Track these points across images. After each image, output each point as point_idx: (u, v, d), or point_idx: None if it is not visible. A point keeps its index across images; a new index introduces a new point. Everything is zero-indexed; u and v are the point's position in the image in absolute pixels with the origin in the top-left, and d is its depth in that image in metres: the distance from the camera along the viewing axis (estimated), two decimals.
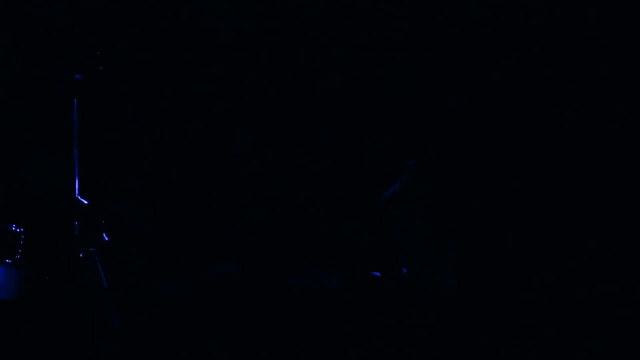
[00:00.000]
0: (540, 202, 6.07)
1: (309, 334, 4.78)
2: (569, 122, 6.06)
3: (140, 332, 4.13)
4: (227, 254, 5.82)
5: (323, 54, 6.53)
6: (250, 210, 6.42)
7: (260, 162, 6.52)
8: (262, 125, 6.58)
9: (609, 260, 5.57)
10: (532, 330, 4.91)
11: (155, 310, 4.33)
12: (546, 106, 6.11)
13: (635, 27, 5.80)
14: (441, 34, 6.23)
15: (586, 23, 5.88)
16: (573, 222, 5.89)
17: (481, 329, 4.87)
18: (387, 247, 5.37)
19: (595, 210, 5.84)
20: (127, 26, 6.54)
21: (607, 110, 5.95)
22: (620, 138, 5.93)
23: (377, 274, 4.96)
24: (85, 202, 4.23)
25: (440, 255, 5.28)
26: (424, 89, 6.18)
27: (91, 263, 4.06)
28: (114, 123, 6.44)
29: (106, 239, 4.15)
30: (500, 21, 6.06)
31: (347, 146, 6.40)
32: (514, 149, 6.12)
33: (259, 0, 6.50)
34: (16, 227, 4.30)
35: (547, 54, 6.04)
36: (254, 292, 5.22)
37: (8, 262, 4.22)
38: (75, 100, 4.11)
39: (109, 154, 6.26)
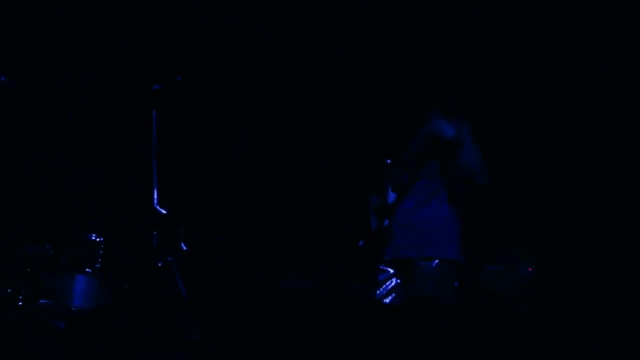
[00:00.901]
0: (539, 201, 6.08)
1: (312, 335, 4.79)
2: (568, 122, 6.06)
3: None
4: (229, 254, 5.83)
5: (323, 54, 6.53)
6: (250, 211, 6.41)
7: (260, 162, 6.52)
8: (262, 125, 6.59)
9: (609, 260, 5.57)
10: (532, 330, 4.91)
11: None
12: (546, 106, 6.11)
13: (636, 27, 5.80)
14: (441, 34, 6.23)
15: (586, 23, 5.87)
16: (572, 222, 5.90)
17: (481, 329, 4.87)
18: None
19: (595, 210, 5.85)
20: (127, 26, 6.53)
21: (607, 110, 5.95)
22: (620, 138, 5.93)
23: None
24: (164, 211, 4.21)
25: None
26: (424, 89, 6.18)
27: (170, 272, 4.07)
28: (112, 123, 6.43)
29: (184, 248, 4.14)
30: (500, 21, 6.05)
31: (347, 146, 6.40)
32: (513, 148, 6.13)
33: (259, 0, 6.49)
34: (96, 237, 4.31)
35: (547, 54, 6.04)
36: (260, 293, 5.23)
37: (88, 271, 4.25)
38: (154, 111, 4.13)
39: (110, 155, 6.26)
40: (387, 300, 4.05)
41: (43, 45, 6.34)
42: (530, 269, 4.75)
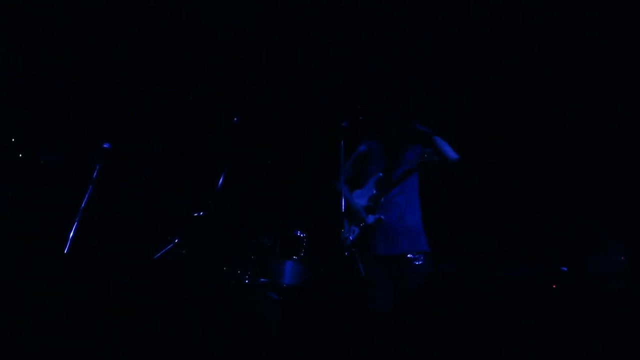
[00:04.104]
0: (540, 202, 6.09)
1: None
2: (569, 122, 6.06)
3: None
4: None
5: (323, 54, 6.52)
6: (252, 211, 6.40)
7: (260, 162, 6.52)
8: (262, 126, 6.58)
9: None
10: (532, 330, 4.90)
11: None
12: (546, 106, 6.11)
13: (636, 27, 5.80)
14: (441, 34, 6.23)
15: (586, 23, 5.87)
16: (571, 222, 5.91)
17: (480, 329, 4.86)
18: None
19: (595, 209, 5.86)
20: (127, 26, 6.53)
21: (607, 110, 5.95)
22: (620, 138, 5.93)
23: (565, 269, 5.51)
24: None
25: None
26: (425, 88, 6.18)
27: (353, 258, 4.97)
28: (111, 124, 6.44)
29: (351, 238, 4.99)
30: (500, 21, 6.05)
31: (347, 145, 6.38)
32: (513, 148, 6.14)
33: (259, 0, 6.48)
34: (300, 233, 5.67)
35: (547, 54, 6.04)
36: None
37: (295, 258, 5.53)
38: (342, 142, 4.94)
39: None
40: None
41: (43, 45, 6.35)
42: (622, 258, 5.65)
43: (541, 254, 5.89)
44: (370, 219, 4.90)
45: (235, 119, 5.48)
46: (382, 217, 4.85)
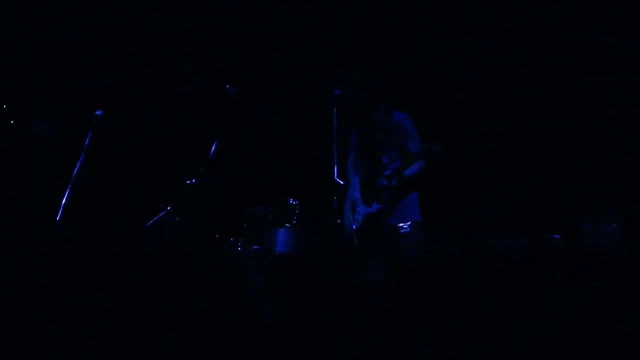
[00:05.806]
0: (540, 203, 6.05)
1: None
2: (569, 122, 6.06)
3: None
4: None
5: (323, 55, 6.55)
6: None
7: (260, 161, 6.51)
8: (263, 125, 6.59)
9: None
10: (532, 330, 4.82)
11: None
12: (547, 106, 6.12)
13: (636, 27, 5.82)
14: (441, 35, 6.27)
15: (586, 23, 5.90)
16: (569, 222, 5.87)
17: (480, 329, 4.78)
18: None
19: (595, 209, 5.82)
20: (128, 27, 6.56)
21: (606, 110, 5.95)
22: (620, 139, 5.92)
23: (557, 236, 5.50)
24: (342, 182, 5.36)
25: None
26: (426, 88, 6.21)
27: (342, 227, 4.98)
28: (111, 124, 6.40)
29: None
30: (500, 21, 6.09)
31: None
32: (513, 149, 6.13)
33: (261, 0, 6.53)
34: (293, 201, 5.76)
35: (548, 53, 6.06)
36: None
37: (288, 225, 5.61)
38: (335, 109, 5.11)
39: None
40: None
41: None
42: (614, 225, 5.65)
43: (534, 222, 5.86)
44: (374, 207, 4.88)
45: (227, 86, 5.47)
46: (384, 206, 4.83)
